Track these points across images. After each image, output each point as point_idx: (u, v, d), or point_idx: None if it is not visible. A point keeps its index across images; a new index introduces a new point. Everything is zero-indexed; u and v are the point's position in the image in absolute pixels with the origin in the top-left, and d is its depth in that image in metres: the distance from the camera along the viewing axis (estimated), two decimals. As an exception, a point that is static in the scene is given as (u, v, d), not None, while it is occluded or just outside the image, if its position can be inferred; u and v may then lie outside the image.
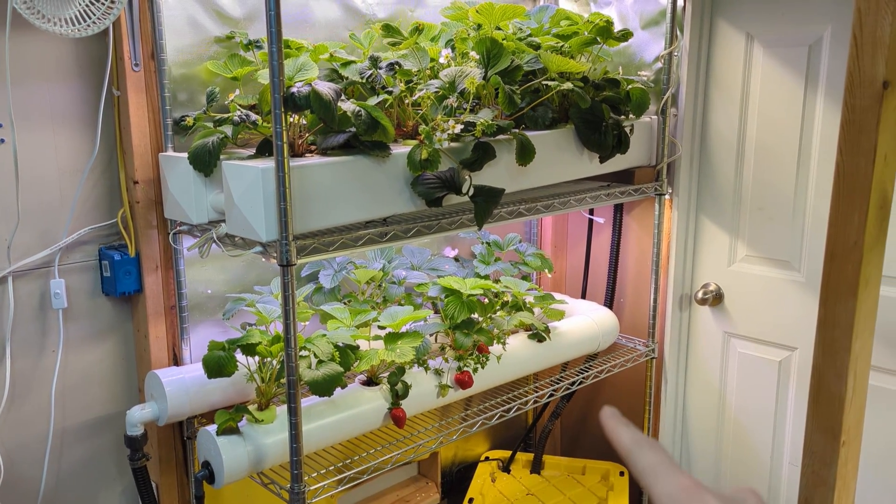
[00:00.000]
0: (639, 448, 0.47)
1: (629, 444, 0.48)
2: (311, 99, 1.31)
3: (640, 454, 0.47)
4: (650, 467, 0.46)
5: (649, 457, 0.46)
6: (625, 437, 0.48)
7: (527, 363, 1.94)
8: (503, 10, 1.68)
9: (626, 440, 0.48)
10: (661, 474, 0.45)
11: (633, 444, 0.47)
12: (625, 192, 2.04)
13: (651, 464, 0.46)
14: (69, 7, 1.32)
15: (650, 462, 0.46)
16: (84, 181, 1.62)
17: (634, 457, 0.47)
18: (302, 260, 1.35)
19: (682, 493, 0.42)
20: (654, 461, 0.46)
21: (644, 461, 0.46)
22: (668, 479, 0.44)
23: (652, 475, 0.45)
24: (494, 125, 1.54)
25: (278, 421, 1.50)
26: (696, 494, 0.42)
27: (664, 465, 0.45)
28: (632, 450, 0.47)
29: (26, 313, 1.59)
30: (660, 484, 0.44)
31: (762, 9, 1.97)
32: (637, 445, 0.47)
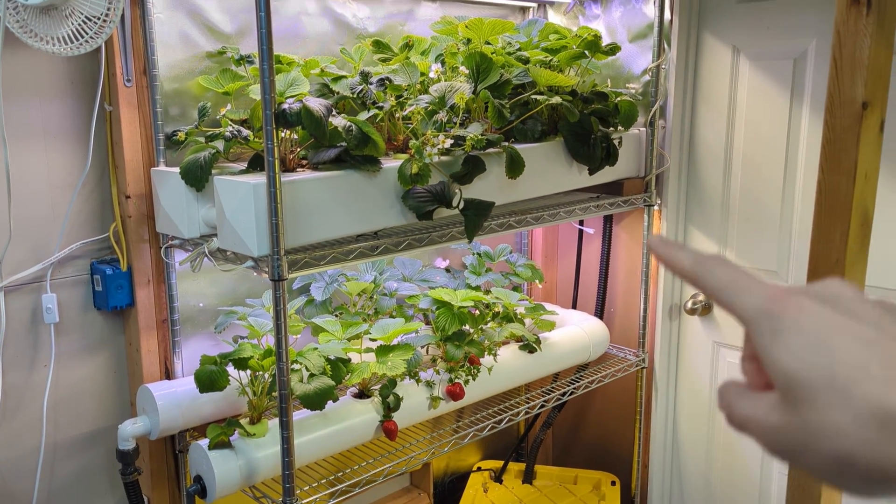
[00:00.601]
0: (705, 266, 0.41)
1: (692, 266, 0.42)
2: (301, 115, 1.32)
3: (710, 273, 0.41)
4: (726, 283, 0.40)
5: (721, 272, 0.40)
6: (685, 259, 0.42)
7: (518, 374, 1.95)
8: (492, 25, 1.70)
9: (688, 262, 0.42)
10: (742, 287, 0.39)
11: (697, 263, 0.42)
12: (614, 204, 2.06)
13: (726, 279, 0.40)
14: (62, 26, 1.33)
15: (724, 278, 0.40)
16: (76, 196, 1.63)
17: (703, 278, 0.41)
18: (293, 274, 1.36)
19: (772, 302, 0.37)
20: (728, 276, 0.40)
21: (716, 279, 0.40)
22: (751, 291, 0.39)
23: (731, 290, 0.39)
24: (484, 139, 1.56)
25: (270, 434, 1.50)
26: (788, 299, 0.37)
27: (741, 276, 0.40)
28: (697, 271, 0.41)
29: (18, 328, 1.59)
30: (743, 299, 0.39)
31: (748, 23, 1.99)
32: (702, 264, 0.41)
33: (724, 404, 0.40)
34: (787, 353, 0.35)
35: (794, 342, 0.35)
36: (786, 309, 0.36)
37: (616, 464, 2.45)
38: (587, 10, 2.29)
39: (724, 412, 0.40)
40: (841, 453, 0.33)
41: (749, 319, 0.38)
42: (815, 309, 0.36)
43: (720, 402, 0.40)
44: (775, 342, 0.36)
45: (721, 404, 0.40)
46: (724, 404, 0.40)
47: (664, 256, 0.43)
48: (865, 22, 0.86)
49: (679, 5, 2.06)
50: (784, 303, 0.37)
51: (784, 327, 0.36)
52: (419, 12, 2.11)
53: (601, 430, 2.52)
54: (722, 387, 0.41)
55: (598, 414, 2.52)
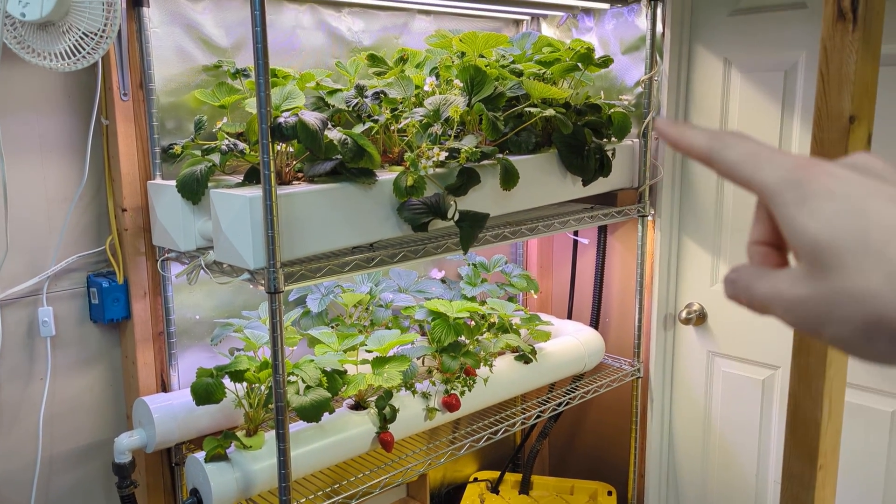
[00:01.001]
0: (721, 141, 0.38)
1: (707, 142, 0.39)
2: (297, 129, 1.33)
3: (727, 147, 0.38)
4: (745, 156, 0.37)
5: (740, 146, 0.37)
6: (698, 137, 0.39)
7: (514, 385, 1.96)
8: (486, 38, 1.72)
9: (702, 139, 0.39)
10: (764, 159, 0.36)
11: (712, 139, 0.38)
12: (608, 215, 2.07)
13: (745, 152, 0.37)
14: (60, 42, 1.34)
15: (741, 151, 0.37)
16: (73, 209, 1.63)
17: (720, 153, 0.38)
18: (289, 287, 1.37)
19: (798, 170, 0.35)
20: (748, 149, 0.37)
21: (734, 152, 0.37)
22: (774, 162, 0.36)
23: (752, 164, 0.36)
24: (479, 151, 1.57)
25: (266, 447, 1.51)
26: (816, 167, 0.35)
27: (762, 149, 0.37)
28: (713, 146, 0.38)
29: (14, 341, 1.60)
30: (766, 170, 0.36)
31: (739, 35, 2.01)
32: (718, 139, 0.38)
33: (740, 287, 0.38)
34: (816, 218, 0.34)
35: (823, 207, 0.33)
36: (813, 176, 0.34)
37: (613, 474, 2.45)
38: (580, 22, 2.31)
39: (743, 295, 0.38)
40: (872, 315, 0.32)
41: (772, 191, 0.36)
42: (844, 174, 0.35)
43: (732, 289, 0.38)
44: (802, 209, 0.34)
45: (734, 290, 0.38)
46: (742, 286, 0.38)
47: (674, 137, 0.40)
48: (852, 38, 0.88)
49: (671, 18, 2.08)
50: (811, 170, 0.35)
51: (812, 193, 0.34)
52: (414, 25, 2.12)
53: (597, 440, 2.52)
54: (731, 273, 0.39)
55: (595, 424, 2.52)
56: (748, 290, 0.37)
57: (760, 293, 0.37)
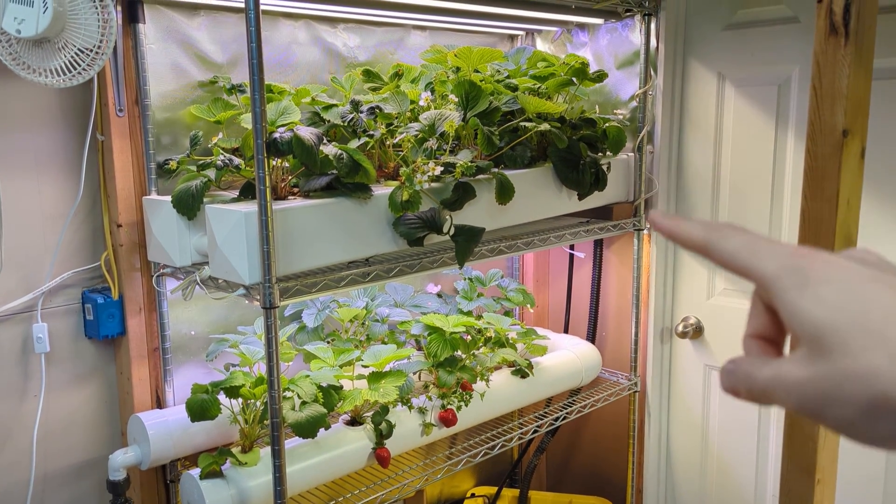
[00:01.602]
0: (718, 232, 0.39)
1: (704, 234, 0.40)
2: (293, 144, 1.33)
3: (724, 238, 0.39)
4: (741, 247, 0.38)
5: (736, 237, 0.39)
6: (694, 229, 0.40)
7: (511, 400, 1.95)
8: (481, 54, 1.72)
9: (697, 231, 0.40)
10: (760, 249, 0.38)
11: (709, 231, 0.40)
12: (603, 228, 2.07)
13: (742, 242, 0.38)
14: (55, 58, 1.35)
15: (738, 242, 0.38)
16: (68, 225, 1.63)
17: (716, 244, 0.39)
18: (285, 302, 1.36)
19: (797, 258, 0.36)
20: (744, 239, 0.38)
21: (731, 243, 0.39)
22: (772, 252, 0.37)
23: (750, 254, 0.38)
24: (474, 166, 1.57)
25: (262, 463, 1.50)
26: (813, 256, 0.36)
27: (759, 239, 0.38)
28: (710, 237, 0.40)
29: (8, 358, 1.59)
30: (765, 259, 0.37)
31: (733, 50, 2.03)
32: (714, 231, 0.40)
33: (740, 377, 0.38)
34: (817, 302, 0.35)
35: (823, 291, 0.35)
36: (812, 263, 0.36)
37: (610, 488, 2.44)
38: (574, 37, 2.32)
39: (743, 385, 0.38)
40: (877, 394, 0.32)
41: (771, 278, 0.37)
42: (841, 262, 0.36)
43: (729, 380, 0.39)
44: (803, 295, 0.35)
45: (733, 380, 0.39)
46: (742, 376, 0.38)
47: (670, 229, 0.42)
48: (844, 52, 0.88)
49: (665, 33, 2.09)
50: (810, 258, 0.36)
51: (812, 279, 0.35)
52: (409, 41, 2.13)
53: (595, 454, 2.51)
54: (729, 364, 0.39)
55: (592, 438, 2.51)
56: (749, 379, 0.38)
57: (762, 380, 0.37)
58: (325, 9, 1.86)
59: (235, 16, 1.77)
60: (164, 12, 1.66)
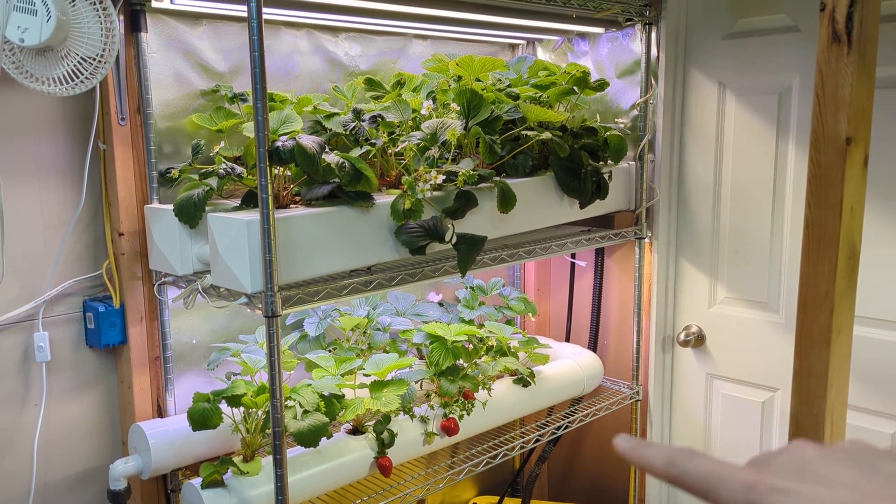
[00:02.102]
0: (680, 462, 0.41)
1: (666, 465, 0.41)
2: (295, 152, 1.33)
3: (687, 468, 0.40)
4: (703, 477, 0.40)
5: (696, 466, 0.40)
6: (657, 457, 0.42)
7: (512, 408, 1.94)
8: (482, 63, 1.73)
9: (660, 460, 0.42)
10: (720, 479, 0.39)
11: (671, 462, 0.41)
12: (605, 237, 2.07)
13: (702, 472, 0.40)
14: (58, 67, 1.35)
15: (700, 471, 0.40)
16: (69, 234, 1.63)
17: (681, 475, 0.40)
18: (287, 311, 1.36)
19: (751, 492, 0.38)
20: (703, 468, 0.40)
21: (693, 475, 0.40)
22: (728, 483, 0.39)
23: (710, 484, 0.39)
24: (476, 174, 1.57)
25: (263, 472, 1.49)
26: (763, 487, 0.38)
27: (716, 466, 0.39)
28: (672, 470, 0.41)
29: (9, 367, 1.58)
30: (723, 492, 0.39)
31: (733, 59, 2.03)
32: (676, 461, 0.41)
33: None
34: None
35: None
36: (762, 497, 0.38)
37: (612, 498, 2.43)
38: (575, 46, 2.33)
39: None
40: None
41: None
42: (790, 489, 0.37)
43: None
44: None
45: None
46: None
47: (633, 458, 0.43)
48: (847, 60, 0.88)
49: (665, 42, 2.09)
50: (759, 490, 0.38)
51: None
52: (410, 50, 2.14)
53: (597, 463, 2.50)
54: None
55: (594, 447, 2.51)
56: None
57: None
58: (326, 18, 1.87)
59: (237, 25, 1.78)
60: (166, 21, 1.66)
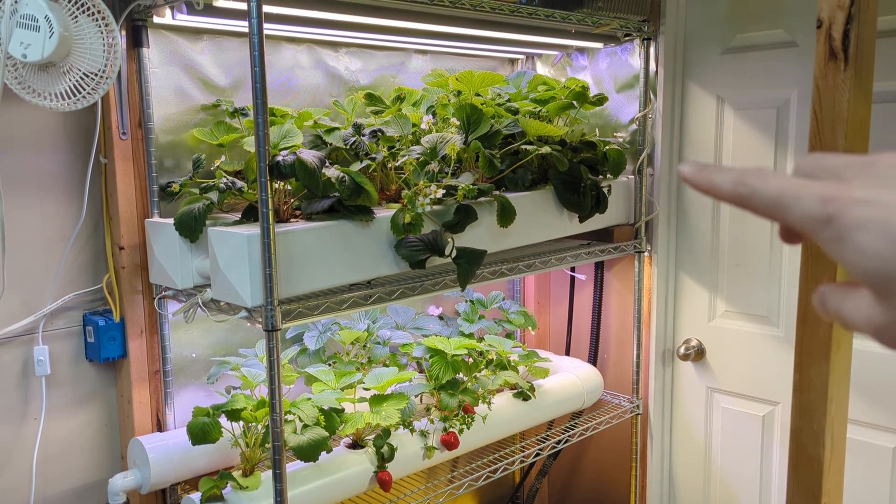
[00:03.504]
0: (749, 185, 0.38)
1: (734, 187, 0.38)
2: (295, 167, 1.34)
3: (754, 191, 0.38)
4: (773, 197, 0.37)
5: (766, 187, 0.37)
6: (725, 181, 0.39)
7: (513, 422, 1.94)
8: (482, 77, 1.74)
9: (728, 181, 0.39)
10: (791, 197, 0.36)
11: (739, 184, 0.38)
12: (604, 251, 2.08)
13: (773, 193, 0.37)
14: (60, 82, 1.36)
15: (771, 192, 0.37)
16: (70, 247, 1.63)
17: (749, 199, 0.38)
18: (287, 324, 1.36)
19: (826, 205, 0.35)
20: (774, 188, 0.37)
21: (762, 196, 0.37)
22: (801, 199, 0.36)
23: (782, 204, 0.36)
24: (475, 188, 1.58)
25: (263, 487, 1.49)
26: (839, 198, 0.35)
27: (787, 184, 0.37)
28: (741, 192, 0.38)
29: (9, 380, 1.58)
30: (795, 210, 0.36)
31: (731, 73, 2.04)
32: (745, 183, 0.38)
33: (831, 306, 0.38)
34: (861, 254, 0.33)
35: (863, 241, 0.33)
36: (842, 209, 0.34)
37: (612, 512, 2.42)
38: (574, 61, 2.34)
39: (833, 314, 0.38)
40: None
41: (811, 230, 0.36)
42: (868, 197, 0.34)
43: (822, 306, 0.38)
44: (845, 247, 0.34)
45: (825, 307, 0.38)
46: (833, 306, 0.38)
47: (700, 182, 0.40)
48: (844, 77, 0.89)
49: (664, 56, 2.11)
50: (838, 204, 0.34)
51: (846, 228, 0.34)
52: (410, 65, 2.15)
53: (597, 477, 2.49)
54: (820, 294, 0.39)
55: (594, 461, 2.50)
56: (838, 311, 0.38)
57: (850, 320, 0.37)
58: (327, 33, 1.88)
59: (238, 40, 1.79)
60: (167, 37, 1.67)
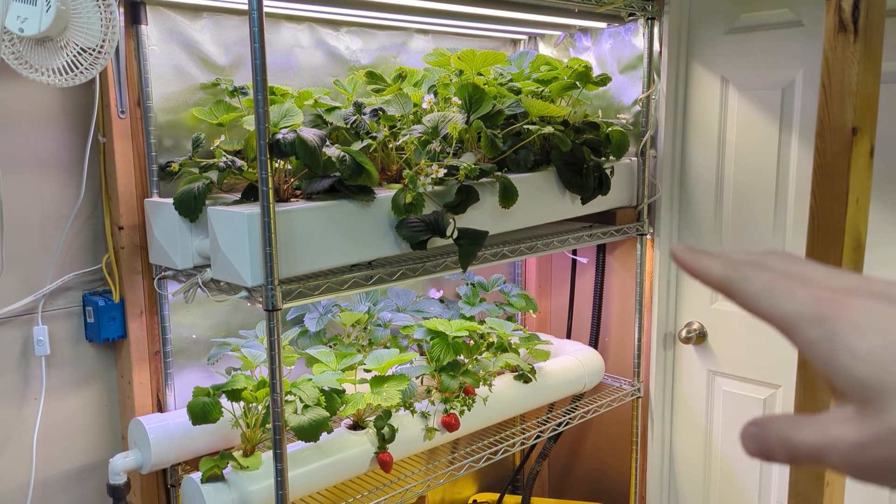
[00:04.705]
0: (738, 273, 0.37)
1: (723, 273, 0.37)
2: (296, 145, 1.32)
3: (744, 279, 0.36)
4: (764, 289, 0.35)
5: (757, 278, 0.36)
6: (714, 266, 0.38)
7: (513, 404, 1.94)
8: (484, 57, 1.72)
9: (717, 269, 0.38)
10: (782, 293, 0.34)
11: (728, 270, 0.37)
12: (607, 233, 2.06)
13: (763, 285, 0.35)
14: (58, 57, 1.34)
15: (761, 284, 0.35)
16: (69, 227, 1.62)
17: (738, 285, 0.36)
18: (287, 304, 1.35)
19: (820, 305, 0.33)
20: (764, 281, 0.35)
21: (752, 285, 0.36)
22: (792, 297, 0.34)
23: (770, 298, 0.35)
24: (477, 169, 1.57)
25: (264, 467, 1.48)
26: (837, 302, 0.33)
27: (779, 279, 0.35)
28: (730, 277, 0.37)
29: (8, 361, 1.58)
30: (785, 306, 0.34)
31: (736, 53, 2.02)
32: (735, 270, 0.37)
33: (773, 441, 0.34)
34: (855, 358, 0.31)
35: (858, 345, 0.31)
36: (838, 311, 0.32)
37: (613, 495, 2.42)
38: (577, 42, 2.32)
39: (779, 450, 0.34)
40: None
41: (794, 329, 0.34)
42: (869, 307, 0.32)
43: (759, 445, 0.34)
44: (836, 350, 0.32)
45: (763, 445, 0.34)
46: (777, 440, 0.34)
47: (690, 265, 0.39)
48: (853, 49, 0.88)
49: (668, 37, 2.08)
50: (834, 306, 0.33)
51: (840, 331, 0.32)
52: (412, 45, 2.13)
53: (598, 460, 2.50)
54: (753, 427, 0.35)
55: (595, 444, 2.50)
56: (787, 443, 0.33)
57: (807, 444, 0.33)
58: (328, 11, 1.86)
59: (238, 18, 1.77)
60: (166, 14, 1.65)
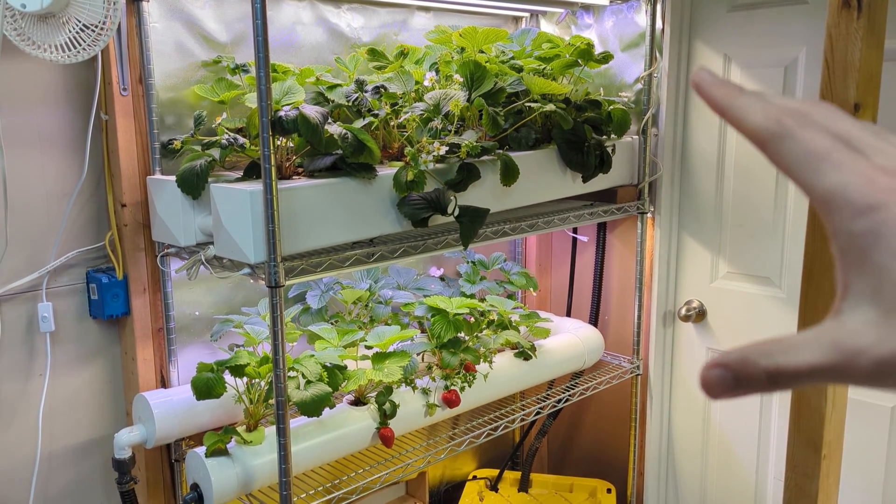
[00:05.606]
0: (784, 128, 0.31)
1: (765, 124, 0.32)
2: (298, 122, 1.32)
3: (790, 139, 0.31)
4: (810, 155, 0.30)
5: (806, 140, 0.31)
6: (755, 113, 0.32)
7: (513, 381, 1.95)
8: (486, 34, 1.71)
9: (759, 118, 0.32)
10: (831, 165, 0.30)
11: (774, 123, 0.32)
12: (608, 211, 2.07)
13: (811, 149, 0.30)
14: (60, 34, 1.34)
15: (808, 147, 0.31)
16: (72, 205, 1.63)
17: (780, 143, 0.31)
18: (290, 281, 1.36)
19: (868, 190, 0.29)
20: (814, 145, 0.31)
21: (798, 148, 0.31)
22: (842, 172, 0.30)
23: (815, 168, 0.30)
24: (479, 146, 1.57)
25: (267, 442, 1.50)
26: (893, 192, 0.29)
27: (833, 146, 0.30)
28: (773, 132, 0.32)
29: (13, 337, 1.59)
30: (832, 179, 0.30)
31: (738, 31, 2.02)
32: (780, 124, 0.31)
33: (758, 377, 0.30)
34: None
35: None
36: (891, 202, 0.29)
37: (612, 471, 2.45)
38: (579, 19, 2.31)
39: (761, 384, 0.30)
40: None
41: (833, 210, 0.30)
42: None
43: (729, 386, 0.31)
44: (878, 246, 0.29)
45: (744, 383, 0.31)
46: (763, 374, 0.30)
47: (720, 103, 0.33)
48: (857, 25, 0.88)
49: (670, 14, 2.08)
50: (887, 195, 0.29)
51: (890, 228, 0.28)
52: (413, 22, 2.12)
53: (597, 437, 2.52)
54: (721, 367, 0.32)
55: (594, 421, 2.52)
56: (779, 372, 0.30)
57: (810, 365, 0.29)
58: (329, -12, 1.85)
59: (239, -5, 1.76)
60: (167, -9, 1.65)
